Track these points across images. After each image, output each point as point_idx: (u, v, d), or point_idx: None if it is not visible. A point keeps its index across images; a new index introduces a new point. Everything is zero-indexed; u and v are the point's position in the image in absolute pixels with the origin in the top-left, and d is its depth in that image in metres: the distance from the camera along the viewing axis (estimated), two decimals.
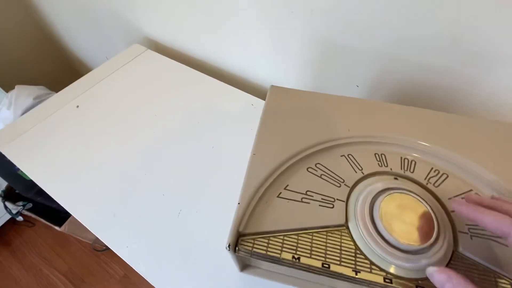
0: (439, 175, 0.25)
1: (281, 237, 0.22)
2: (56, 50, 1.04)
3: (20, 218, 0.93)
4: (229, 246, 0.21)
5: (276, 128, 0.29)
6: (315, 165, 0.26)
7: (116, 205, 0.39)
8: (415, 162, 0.26)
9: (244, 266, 0.30)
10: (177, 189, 0.40)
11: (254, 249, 0.22)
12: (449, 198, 0.24)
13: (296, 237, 0.22)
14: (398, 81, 0.41)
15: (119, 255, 0.35)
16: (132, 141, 0.46)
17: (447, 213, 0.23)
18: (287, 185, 0.25)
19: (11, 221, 0.99)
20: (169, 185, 0.40)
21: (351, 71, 0.44)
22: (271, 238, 0.22)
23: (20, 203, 0.85)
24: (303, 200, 0.24)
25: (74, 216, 0.38)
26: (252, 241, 0.22)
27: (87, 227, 0.37)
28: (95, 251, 0.96)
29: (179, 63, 0.58)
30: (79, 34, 0.88)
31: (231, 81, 0.54)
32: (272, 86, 0.33)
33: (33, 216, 0.86)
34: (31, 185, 0.73)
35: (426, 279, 0.20)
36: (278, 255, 0.21)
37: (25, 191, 0.76)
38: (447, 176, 0.25)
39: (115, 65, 0.58)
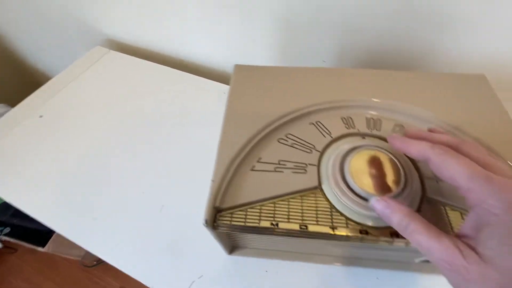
0: (404, 129, 0.26)
1: (258, 207, 0.22)
2: (13, 63, 0.97)
3: None
4: (206, 222, 0.21)
5: (244, 105, 0.29)
6: (286, 136, 0.27)
7: (95, 210, 0.37)
8: (381, 120, 0.27)
9: (231, 249, 0.30)
10: (157, 186, 0.39)
11: (233, 222, 0.22)
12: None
13: (272, 205, 0.22)
14: (362, 51, 0.42)
15: (106, 260, 0.33)
16: (104, 144, 0.44)
17: (413, 162, 0.24)
18: (260, 158, 0.25)
19: None
20: (149, 183, 0.39)
21: (315, 47, 0.45)
22: (249, 209, 0.22)
23: None
24: (277, 169, 0.24)
25: (55, 230, 0.37)
26: (230, 215, 0.22)
27: (69, 238, 0.36)
28: (86, 267, 0.92)
29: (145, 61, 0.57)
30: (35, 44, 0.83)
31: (200, 72, 0.54)
32: (236, 65, 0.32)
33: (13, 240, 0.81)
34: (5, 207, 0.69)
35: None
36: (257, 224, 0.21)
37: None
38: None
39: (77, 70, 0.56)
